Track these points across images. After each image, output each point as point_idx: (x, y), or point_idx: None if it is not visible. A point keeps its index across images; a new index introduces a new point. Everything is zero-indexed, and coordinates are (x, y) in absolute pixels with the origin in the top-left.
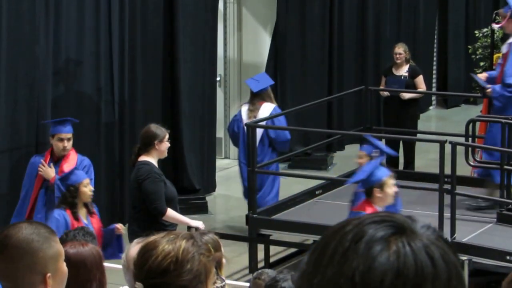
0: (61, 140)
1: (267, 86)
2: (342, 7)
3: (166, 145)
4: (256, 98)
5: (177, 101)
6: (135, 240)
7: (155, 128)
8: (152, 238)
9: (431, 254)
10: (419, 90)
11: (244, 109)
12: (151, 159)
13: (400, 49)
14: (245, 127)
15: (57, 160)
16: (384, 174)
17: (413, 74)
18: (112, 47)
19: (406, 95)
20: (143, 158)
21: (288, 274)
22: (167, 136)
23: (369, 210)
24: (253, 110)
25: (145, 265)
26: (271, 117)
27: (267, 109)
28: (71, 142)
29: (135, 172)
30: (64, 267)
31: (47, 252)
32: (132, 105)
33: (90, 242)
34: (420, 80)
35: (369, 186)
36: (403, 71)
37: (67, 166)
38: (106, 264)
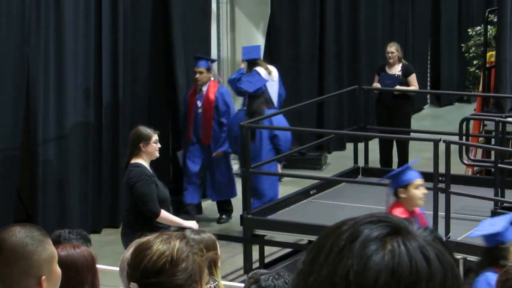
0: None
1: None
2: (334, 6)
3: (153, 147)
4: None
5: (173, 101)
6: (133, 242)
7: (142, 130)
8: (145, 238)
9: (426, 254)
10: (411, 87)
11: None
12: (142, 161)
13: (392, 48)
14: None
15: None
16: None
17: (406, 72)
18: (105, 49)
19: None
20: (134, 160)
21: (272, 272)
22: (154, 138)
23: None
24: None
25: (140, 264)
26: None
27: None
28: None
29: (126, 174)
30: (57, 269)
31: (42, 255)
32: (129, 106)
33: (83, 244)
34: (413, 79)
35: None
36: (396, 70)
37: None
38: (100, 266)
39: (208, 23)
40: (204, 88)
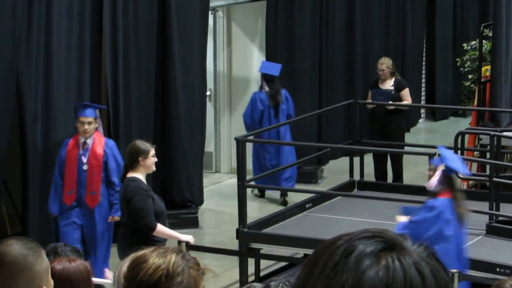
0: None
1: None
2: (330, 22)
3: (151, 160)
4: None
5: (168, 115)
6: (130, 256)
7: (140, 144)
8: (141, 252)
9: (421, 270)
10: (404, 102)
11: None
12: (139, 175)
13: (383, 65)
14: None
15: None
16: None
17: (398, 87)
18: (103, 61)
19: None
20: (130, 174)
21: (282, 279)
22: (151, 152)
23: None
24: None
25: (136, 278)
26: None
27: None
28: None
29: (123, 188)
30: (51, 280)
31: (42, 266)
32: (124, 119)
33: (78, 258)
34: (406, 93)
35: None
36: (389, 85)
37: None
38: (96, 279)
39: (205, 37)
40: (89, 141)
